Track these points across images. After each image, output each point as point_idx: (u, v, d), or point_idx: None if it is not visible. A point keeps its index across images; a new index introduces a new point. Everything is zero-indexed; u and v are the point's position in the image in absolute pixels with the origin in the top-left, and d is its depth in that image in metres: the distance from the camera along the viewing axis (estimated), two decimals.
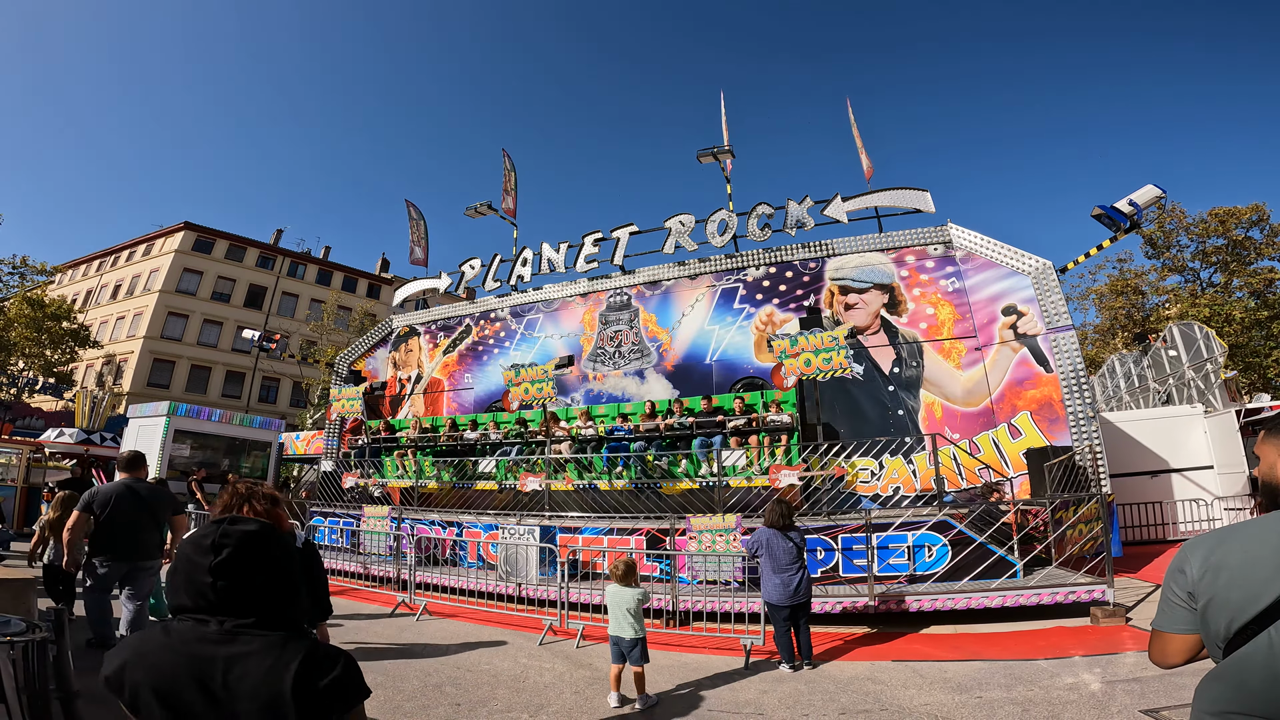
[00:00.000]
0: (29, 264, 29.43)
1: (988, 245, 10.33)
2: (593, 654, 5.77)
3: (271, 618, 1.27)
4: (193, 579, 1.25)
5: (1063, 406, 9.27)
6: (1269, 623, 1.23)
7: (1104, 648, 5.46)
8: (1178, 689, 4.20)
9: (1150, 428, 12.14)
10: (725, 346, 12.06)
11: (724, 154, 12.61)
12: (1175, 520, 11.32)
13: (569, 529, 8.58)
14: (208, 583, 1.23)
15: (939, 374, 10.35)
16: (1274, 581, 1.24)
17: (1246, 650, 1.25)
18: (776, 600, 5.37)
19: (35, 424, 23.04)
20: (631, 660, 4.52)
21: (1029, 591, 6.48)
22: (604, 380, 13.03)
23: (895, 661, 5.45)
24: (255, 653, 1.21)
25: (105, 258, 41.29)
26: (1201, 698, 1.34)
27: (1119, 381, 17.92)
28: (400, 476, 11.49)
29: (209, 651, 1.21)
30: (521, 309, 14.35)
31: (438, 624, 6.97)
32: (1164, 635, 1.46)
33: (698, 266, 12.73)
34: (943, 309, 10.54)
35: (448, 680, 4.93)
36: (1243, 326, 21.82)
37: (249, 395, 37.80)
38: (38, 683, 3.04)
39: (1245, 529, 1.38)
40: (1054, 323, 9.54)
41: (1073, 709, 4.10)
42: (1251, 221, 24.50)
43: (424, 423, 12.77)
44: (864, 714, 4.23)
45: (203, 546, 1.25)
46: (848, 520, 7.37)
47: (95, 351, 34.21)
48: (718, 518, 7.33)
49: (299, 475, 20.64)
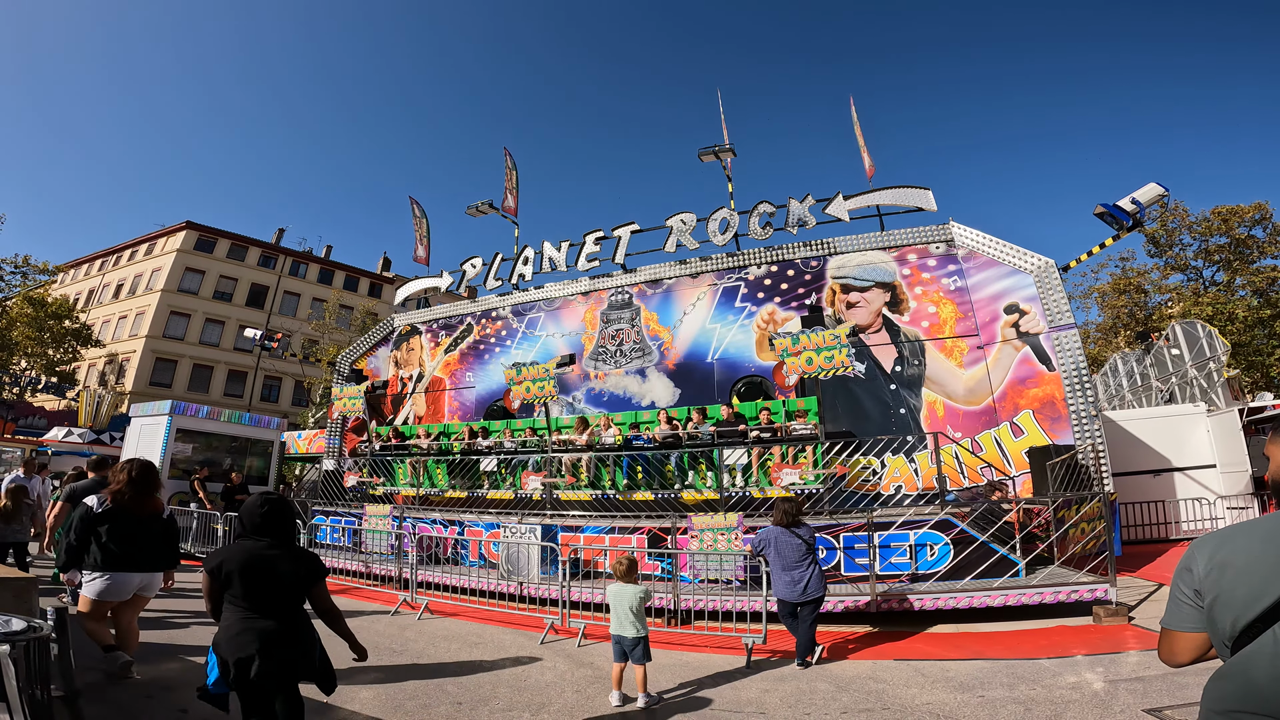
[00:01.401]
0: (31, 263, 29.47)
1: (990, 243, 10.31)
2: (594, 653, 5.77)
3: (285, 540, 2.99)
4: (251, 518, 2.95)
5: (1065, 405, 9.26)
6: (1274, 621, 1.21)
7: (1106, 647, 5.44)
8: (1181, 688, 4.18)
9: (1153, 426, 12.10)
10: (727, 345, 12.05)
11: (725, 152, 12.60)
12: (1178, 519, 11.28)
13: (570, 528, 8.58)
14: (259, 522, 2.93)
15: (941, 372, 10.33)
16: (1278, 579, 1.23)
17: (1252, 649, 1.24)
18: (785, 597, 5.39)
19: (38, 423, 23.12)
20: (633, 659, 4.51)
21: (1031, 590, 6.47)
22: (605, 379, 13.03)
23: (897, 660, 5.44)
24: (282, 555, 2.92)
25: (107, 257, 41.35)
26: (1209, 697, 1.33)
27: (1121, 380, 17.88)
28: (412, 484, 11.16)
29: (262, 552, 2.89)
30: (523, 307, 14.35)
31: (439, 623, 6.97)
32: (1172, 634, 1.45)
33: (699, 265, 12.71)
34: (945, 307, 10.52)
35: (449, 679, 4.93)
36: (1245, 325, 21.75)
37: (251, 394, 37.85)
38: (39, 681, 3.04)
39: (1252, 527, 1.37)
40: (1056, 321, 9.52)
41: (1075, 708, 4.08)
42: (1254, 220, 24.41)
43: (433, 430, 12.57)
44: (866, 713, 4.22)
45: (256, 504, 2.97)
46: (850, 519, 7.36)
47: (98, 351, 34.26)
48: (719, 516, 7.33)
49: (301, 474, 20.67)
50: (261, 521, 2.91)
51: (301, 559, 2.97)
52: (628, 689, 4.48)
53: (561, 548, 7.76)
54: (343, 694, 4.49)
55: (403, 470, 11.65)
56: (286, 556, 2.91)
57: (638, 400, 12.55)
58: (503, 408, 13.75)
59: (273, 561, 2.86)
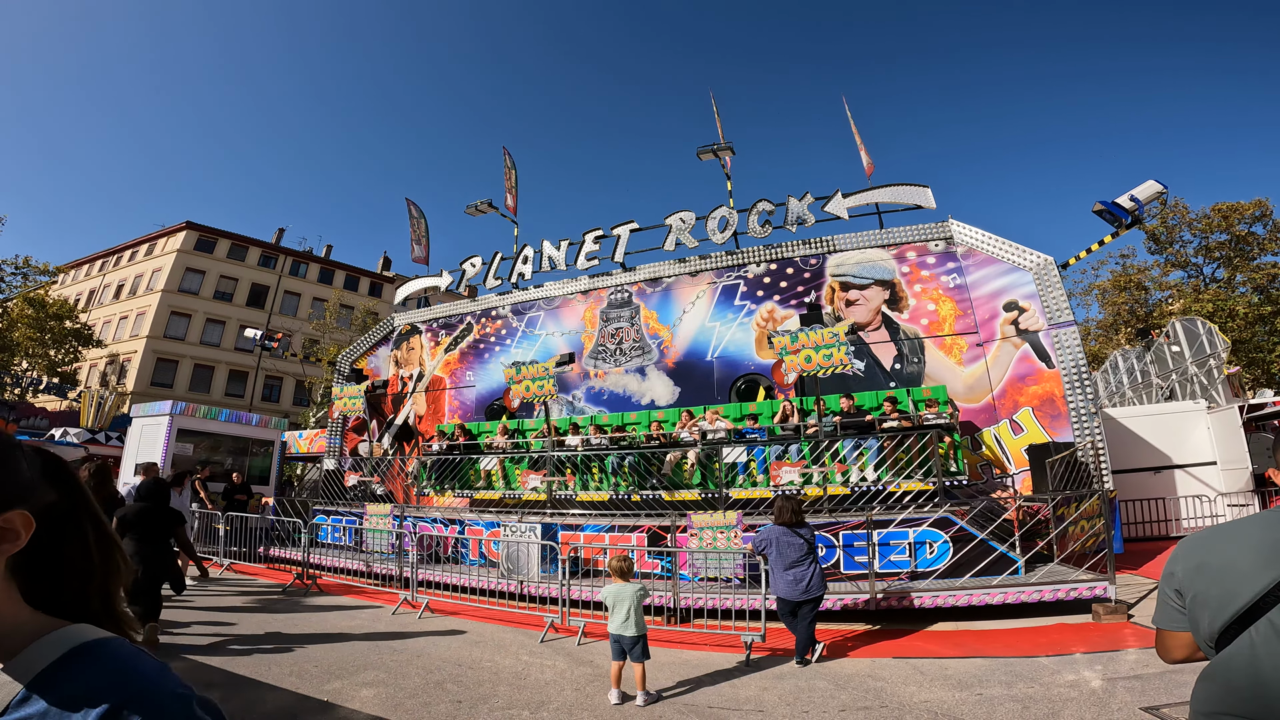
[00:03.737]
0: (32, 264, 29.46)
1: (989, 241, 10.30)
2: (594, 651, 5.78)
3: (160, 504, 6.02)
4: (140, 492, 6.15)
5: (1065, 402, 9.26)
6: (1250, 622, 1.21)
7: (1105, 645, 5.45)
8: (1178, 686, 4.19)
9: (1153, 423, 12.09)
10: (726, 343, 12.05)
11: (724, 150, 12.59)
12: (1178, 516, 11.27)
13: (571, 526, 8.59)
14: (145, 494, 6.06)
15: (940, 370, 10.33)
16: (1253, 579, 1.22)
17: (1231, 650, 1.24)
18: (786, 596, 5.40)
19: (40, 424, 23.13)
20: (632, 657, 4.52)
21: (1030, 588, 6.47)
22: (605, 377, 13.04)
23: (896, 658, 5.45)
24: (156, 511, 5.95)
25: (108, 258, 41.34)
26: (1195, 698, 1.34)
27: (1121, 377, 17.86)
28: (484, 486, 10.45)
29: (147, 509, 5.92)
30: (523, 306, 14.35)
31: (439, 622, 6.98)
32: (1162, 632, 1.46)
33: (698, 263, 12.71)
34: (944, 305, 10.51)
35: (449, 677, 4.94)
36: (1246, 322, 21.72)
37: (252, 394, 37.87)
38: None
39: (1232, 527, 1.37)
40: (1056, 318, 9.52)
41: (1073, 706, 4.09)
42: (1255, 217, 24.36)
43: (510, 426, 11.85)
44: (864, 711, 4.23)
45: (146, 485, 6.20)
46: (849, 517, 7.36)
47: (99, 351, 34.26)
48: (719, 514, 7.33)
49: (302, 473, 20.68)
50: (146, 493, 5.91)
51: (169, 513, 5.88)
52: (627, 687, 4.49)
53: (561, 546, 7.77)
54: (343, 692, 4.51)
55: (476, 472, 10.70)
56: (159, 512, 5.80)
57: (637, 399, 12.56)
58: (503, 407, 13.76)
59: (152, 513, 5.76)
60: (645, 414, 11.38)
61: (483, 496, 10.42)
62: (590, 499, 9.23)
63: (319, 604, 7.88)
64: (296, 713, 4.17)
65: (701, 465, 8.95)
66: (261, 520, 10.86)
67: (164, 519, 5.90)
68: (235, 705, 4.24)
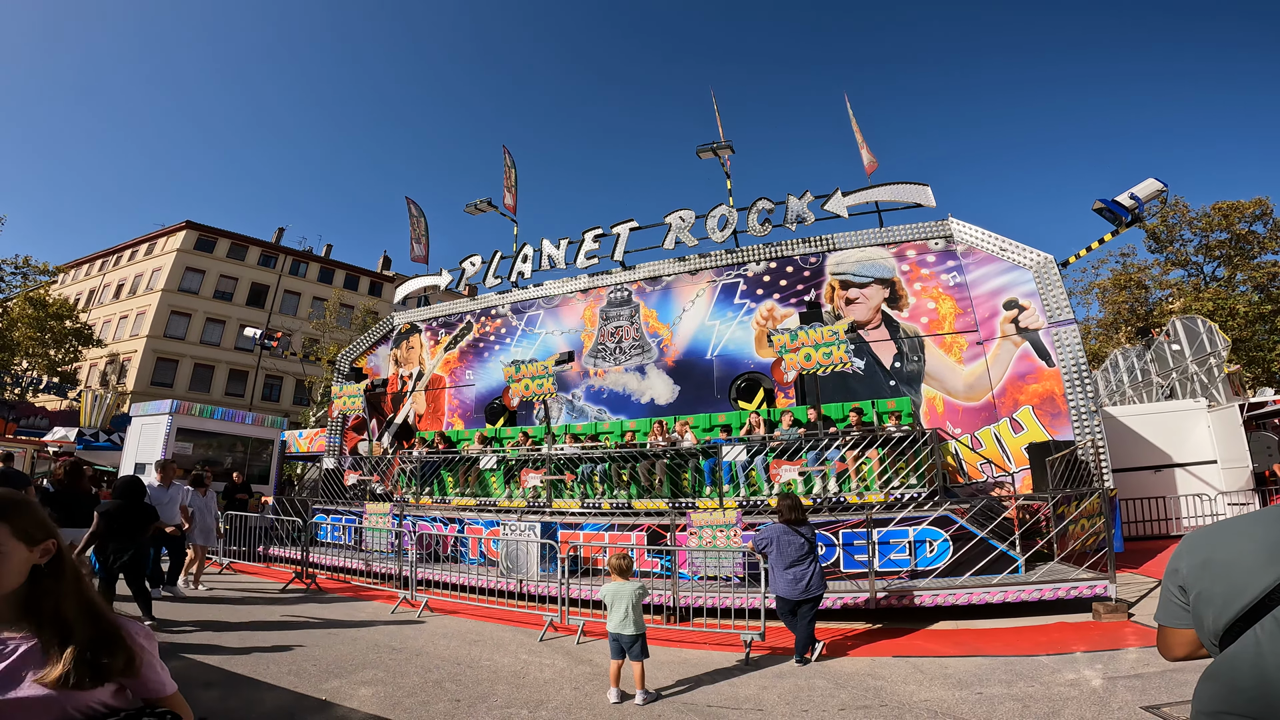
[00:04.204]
0: (31, 264, 29.46)
1: (989, 239, 10.28)
2: (593, 650, 5.77)
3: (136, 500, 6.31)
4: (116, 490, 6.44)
5: (1065, 401, 9.24)
6: (1256, 619, 1.19)
7: (1106, 644, 5.43)
8: (1179, 685, 4.18)
9: (1153, 422, 12.07)
10: (726, 342, 12.04)
11: (723, 149, 12.56)
12: (1178, 515, 11.26)
13: (570, 525, 8.58)
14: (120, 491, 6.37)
15: (940, 368, 10.32)
16: (1258, 576, 1.21)
17: (1235, 649, 1.22)
18: (786, 595, 5.39)
19: (40, 423, 23.14)
20: (631, 656, 4.51)
21: (1030, 587, 6.46)
22: (605, 376, 13.03)
23: (896, 657, 5.43)
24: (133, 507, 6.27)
25: (107, 257, 41.34)
26: (1198, 697, 1.32)
27: (1122, 376, 17.85)
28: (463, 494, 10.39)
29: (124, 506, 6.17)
30: (522, 305, 14.34)
31: (439, 620, 6.98)
32: (1165, 630, 1.44)
33: (698, 262, 12.69)
34: (944, 303, 10.50)
35: (448, 676, 4.93)
36: (1246, 320, 21.71)
37: (253, 394, 37.88)
38: None
39: (1236, 523, 1.36)
40: (1056, 317, 9.50)
41: (1074, 705, 4.08)
42: (1255, 216, 24.34)
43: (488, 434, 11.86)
44: (864, 710, 4.22)
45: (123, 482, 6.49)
46: (849, 515, 7.35)
47: (99, 351, 34.27)
48: (718, 513, 7.32)
49: (302, 473, 20.69)
50: (121, 491, 6.21)
51: (144, 509, 6.25)
52: (626, 686, 4.48)
53: (561, 545, 7.76)
54: (342, 691, 4.50)
55: (453, 479, 10.75)
56: (135, 508, 6.14)
57: (637, 398, 12.55)
58: (502, 405, 13.75)
59: (130, 510, 6.07)
60: (618, 424, 11.35)
61: (459, 504, 10.31)
62: (564, 507, 9.25)
63: (318, 603, 7.87)
64: (295, 712, 4.15)
65: (671, 474, 8.91)
66: (261, 519, 10.86)
67: (140, 515, 6.22)
68: (233, 704, 4.23)
